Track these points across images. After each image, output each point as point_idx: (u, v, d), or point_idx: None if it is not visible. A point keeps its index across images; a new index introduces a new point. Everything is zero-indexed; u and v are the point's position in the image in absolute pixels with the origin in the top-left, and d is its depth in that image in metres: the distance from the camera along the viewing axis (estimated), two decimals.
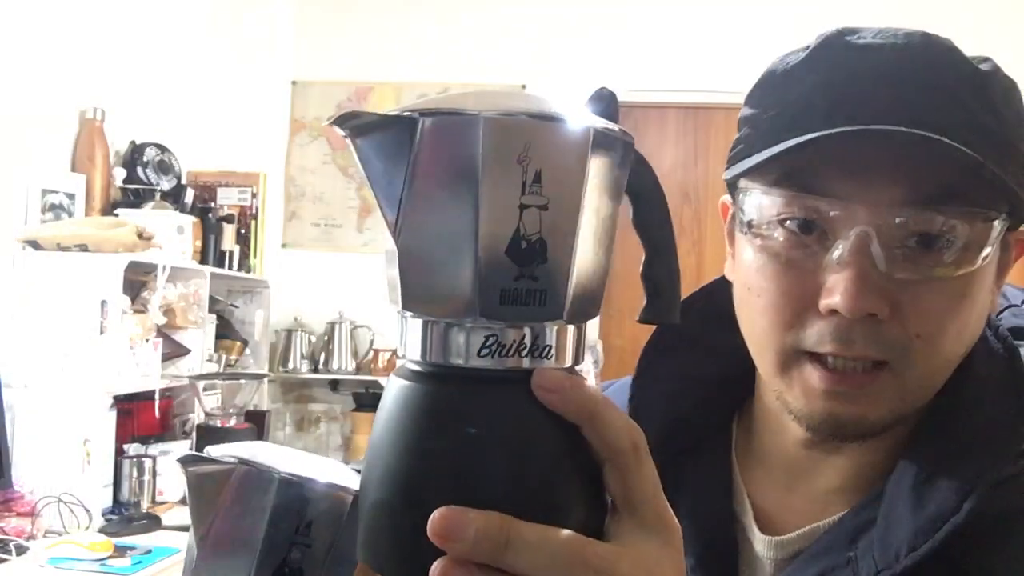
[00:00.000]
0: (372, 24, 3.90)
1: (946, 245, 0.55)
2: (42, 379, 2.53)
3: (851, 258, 0.54)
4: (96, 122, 2.93)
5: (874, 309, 0.54)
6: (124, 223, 2.69)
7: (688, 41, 3.76)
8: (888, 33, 0.58)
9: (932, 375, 0.58)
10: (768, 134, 0.58)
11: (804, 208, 0.57)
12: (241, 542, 0.45)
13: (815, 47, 0.60)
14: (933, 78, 0.56)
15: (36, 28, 2.72)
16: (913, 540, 0.54)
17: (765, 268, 0.59)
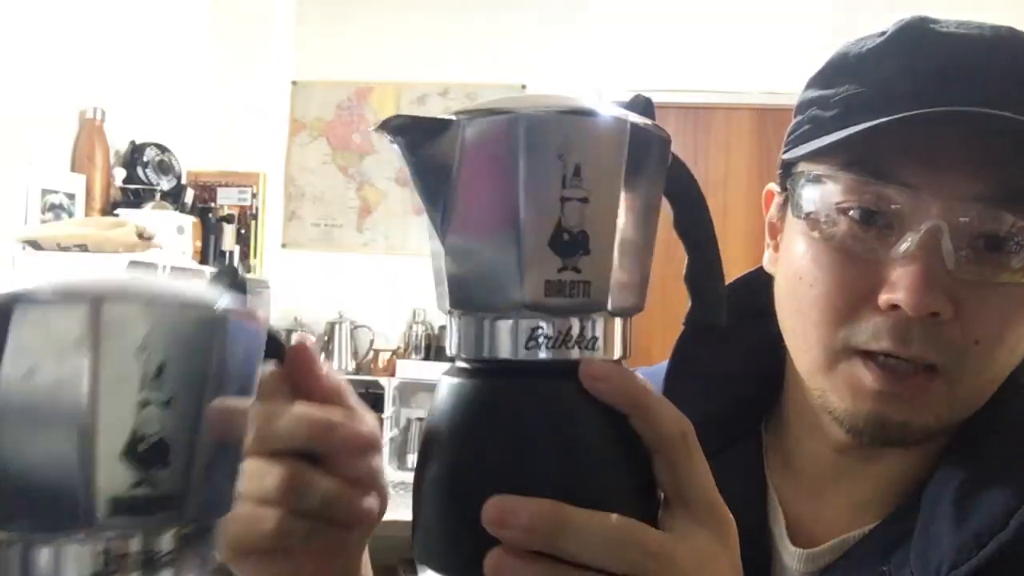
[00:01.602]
0: (372, 24, 3.90)
1: (1017, 248, 0.52)
2: None
3: (919, 252, 0.51)
4: (96, 122, 2.93)
5: (938, 308, 0.51)
6: (124, 223, 2.69)
7: (688, 41, 3.76)
8: (972, 25, 0.55)
9: (983, 385, 0.56)
10: (840, 116, 0.55)
11: (872, 196, 0.53)
12: (54, 409, 0.30)
13: (895, 31, 0.56)
14: (1017, 68, 0.53)
15: (36, 28, 2.71)
16: (955, 557, 0.51)
17: (820, 257, 0.55)
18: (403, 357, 3.66)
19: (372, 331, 3.76)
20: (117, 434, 0.31)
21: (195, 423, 0.32)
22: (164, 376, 0.31)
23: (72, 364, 0.30)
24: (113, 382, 0.30)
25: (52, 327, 0.30)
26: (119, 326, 0.30)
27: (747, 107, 3.65)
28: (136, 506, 0.31)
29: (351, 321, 3.74)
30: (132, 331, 0.31)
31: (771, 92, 3.43)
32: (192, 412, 0.32)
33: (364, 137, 3.89)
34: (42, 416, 0.30)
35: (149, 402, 0.31)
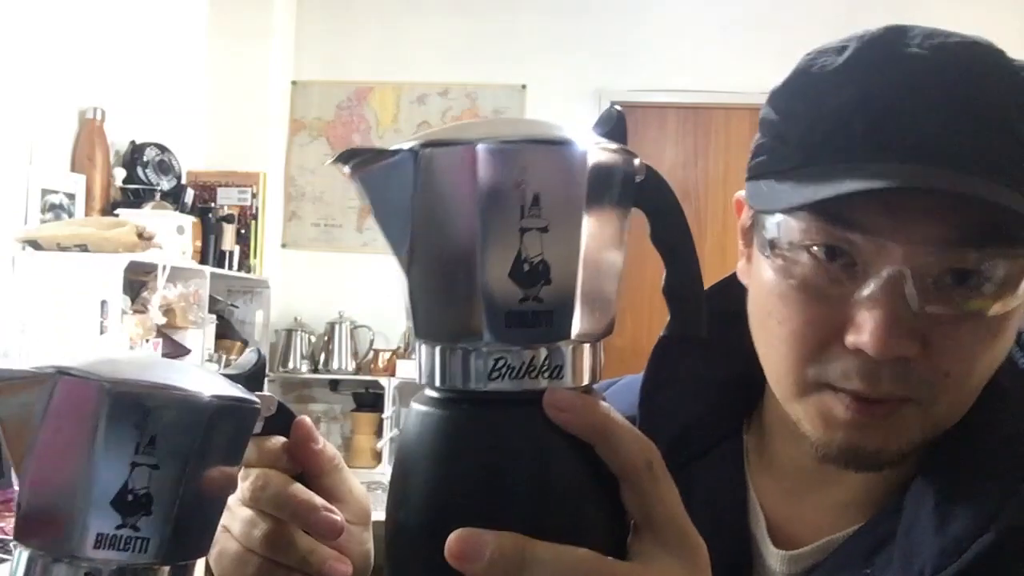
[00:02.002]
0: (372, 24, 3.90)
1: (982, 283, 0.51)
2: None
3: (883, 298, 0.50)
4: (96, 122, 2.94)
5: (904, 352, 0.51)
6: (124, 223, 2.69)
7: (688, 41, 3.76)
8: (937, 41, 0.54)
9: (957, 410, 0.55)
10: (799, 148, 0.54)
11: (835, 237, 0.52)
12: (69, 466, 0.40)
13: (855, 51, 0.55)
14: (982, 103, 0.51)
15: (36, 28, 2.72)
16: (938, 561, 0.52)
17: (788, 296, 0.55)
18: (403, 357, 3.66)
19: (372, 331, 3.76)
20: (111, 485, 0.39)
21: (176, 484, 0.40)
22: (155, 445, 0.40)
23: (85, 429, 0.39)
24: (113, 446, 0.39)
25: (75, 399, 0.40)
26: (123, 406, 0.40)
27: (747, 107, 3.64)
28: (116, 545, 0.40)
29: (351, 321, 3.74)
30: (133, 411, 0.40)
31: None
32: (175, 475, 0.40)
33: (364, 137, 3.89)
34: (60, 464, 0.40)
35: (140, 464, 0.40)
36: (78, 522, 0.39)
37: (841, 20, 3.71)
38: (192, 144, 3.58)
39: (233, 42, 3.69)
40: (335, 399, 3.83)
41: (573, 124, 0.41)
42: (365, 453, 3.64)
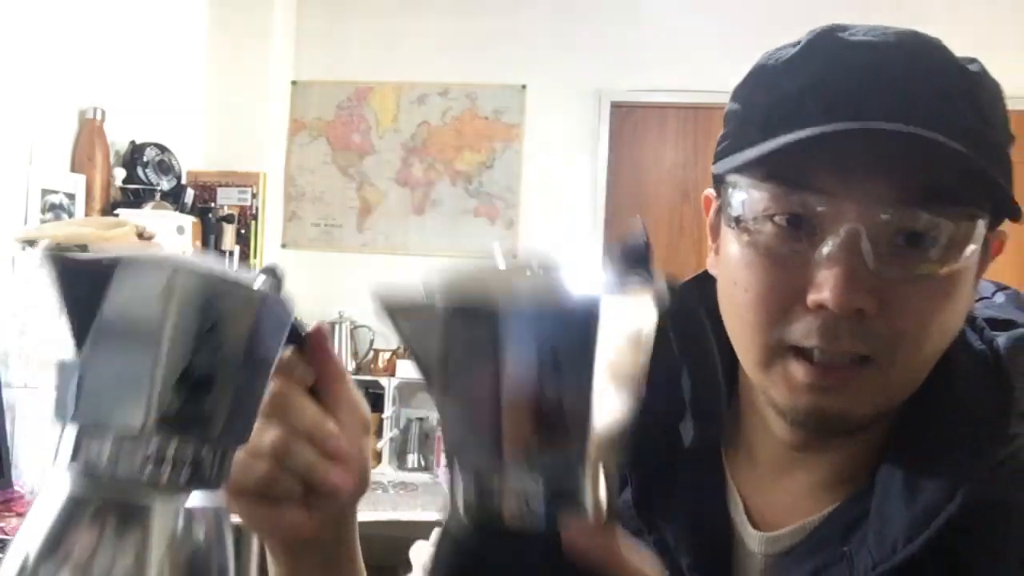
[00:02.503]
0: (372, 24, 3.90)
1: (932, 243, 0.55)
2: (42, 379, 2.53)
3: (840, 254, 0.54)
4: (96, 122, 2.94)
5: (862, 305, 0.54)
6: (124, 223, 2.69)
7: (688, 41, 3.76)
8: (879, 31, 0.58)
9: (914, 371, 0.58)
10: (760, 129, 0.58)
11: (794, 203, 0.56)
12: (135, 340, 0.41)
13: (807, 42, 0.60)
14: (925, 78, 0.56)
15: (36, 28, 2.72)
16: (909, 532, 0.55)
17: (752, 263, 0.58)
18: (403, 357, 3.65)
19: (372, 331, 3.76)
20: (176, 364, 0.41)
21: (233, 370, 0.43)
22: (218, 330, 0.42)
23: (154, 310, 0.41)
24: (180, 328, 0.41)
25: (143, 283, 0.41)
26: (188, 290, 0.41)
27: None
28: (176, 424, 0.41)
29: (351, 321, 3.74)
30: (197, 295, 0.41)
31: None
32: (233, 361, 0.43)
33: (364, 137, 3.89)
34: (126, 342, 0.41)
35: (202, 346, 0.41)
36: (142, 400, 0.40)
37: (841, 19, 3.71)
38: (192, 144, 3.58)
39: (233, 42, 3.69)
40: None
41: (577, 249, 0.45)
42: None
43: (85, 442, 0.41)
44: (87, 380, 0.41)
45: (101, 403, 0.41)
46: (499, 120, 3.83)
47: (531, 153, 3.82)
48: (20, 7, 2.65)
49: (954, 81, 0.57)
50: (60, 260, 0.41)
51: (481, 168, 3.84)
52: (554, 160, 3.80)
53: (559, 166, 3.79)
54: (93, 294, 0.41)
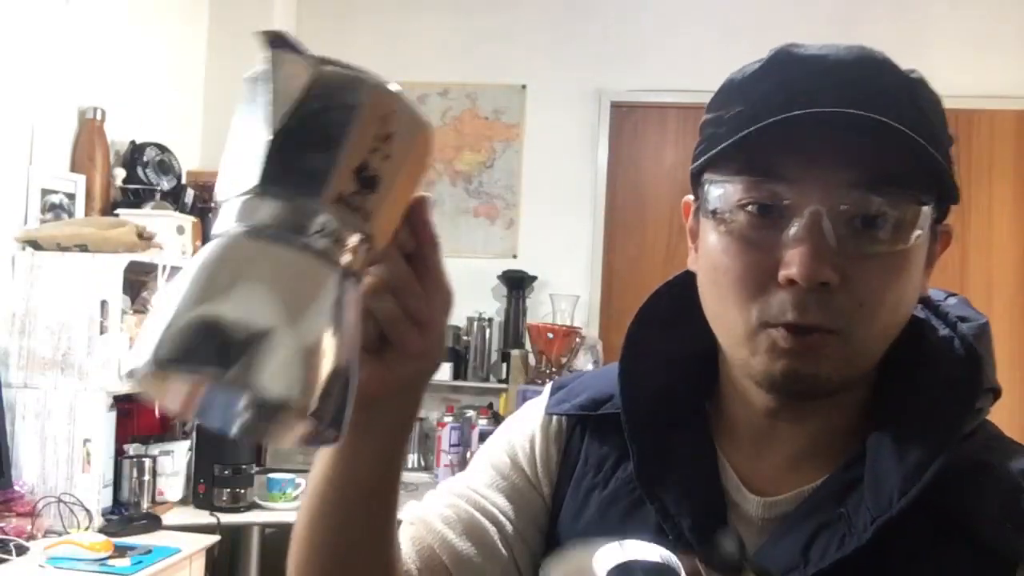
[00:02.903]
0: (372, 24, 3.90)
1: (884, 224, 0.63)
2: (42, 379, 2.53)
3: (805, 233, 0.62)
4: (96, 122, 2.94)
5: (826, 278, 0.61)
6: (124, 223, 2.69)
7: (688, 41, 3.76)
8: (831, 46, 0.66)
9: (872, 341, 0.65)
10: (731, 131, 0.64)
11: (763, 192, 0.64)
12: (322, 136, 0.47)
13: (769, 57, 0.67)
14: (874, 81, 0.64)
15: (36, 28, 2.72)
16: (903, 485, 0.62)
17: (730, 248, 0.66)
18: None
19: None
20: (355, 159, 0.47)
21: (391, 179, 0.49)
22: (389, 140, 0.48)
23: (348, 112, 0.47)
24: (363, 136, 0.47)
25: (336, 88, 0.48)
26: (380, 101, 0.48)
27: None
28: (350, 207, 0.47)
29: None
30: (384, 105, 0.48)
31: None
32: (393, 171, 0.49)
33: None
34: (316, 137, 0.47)
35: (378, 149, 0.48)
36: (327, 175, 0.46)
37: (841, 20, 3.72)
38: (192, 144, 3.58)
39: (233, 42, 3.69)
40: None
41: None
42: None
43: (256, 204, 0.47)
44: (278, 153, 0.47)
45: (289, 174, 0.47)
46: (499, 120, 3.83)
47: (531, 153, 3.82)
48: (20, 7, 2.65)
49: (898, 82, 0.65)
50: (278, 47, 0.48)
51: (481, 168, 3.84)
52: (554, 160, 3.80)
53: (559, 166, 3.79)
54: (294, 88, 0.47)
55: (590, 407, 0.79)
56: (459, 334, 3.71)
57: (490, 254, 3.81)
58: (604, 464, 0.76)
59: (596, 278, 3.75)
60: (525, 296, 3.71)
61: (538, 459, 0.79)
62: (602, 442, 0.77)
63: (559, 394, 0.82)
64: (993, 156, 3.65)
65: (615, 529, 0.70)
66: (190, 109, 3.61)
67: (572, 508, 0.76)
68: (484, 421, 3.42)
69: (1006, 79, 3.62)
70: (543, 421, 0.81)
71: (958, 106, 3.69)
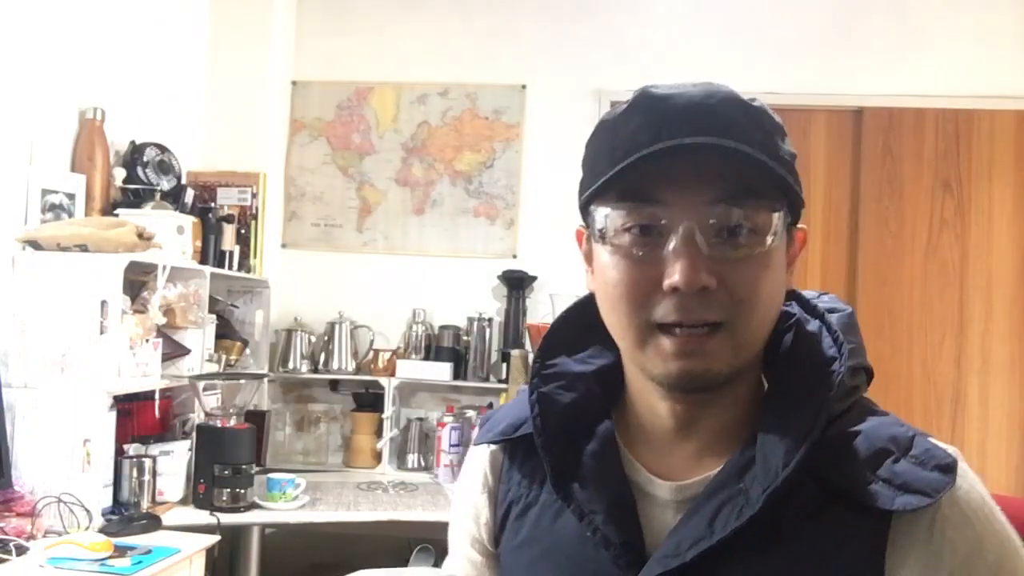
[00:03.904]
0: (372, 24, 3.90)
1: (743, 231, 0.73)
2: (42, 379, 2.53)
3: (682, 246, 0.73)
4: (96, 122, 2.94)
5: (705, 282, 0.72)
6: (124, 223, 2.69)
7: (688, 41, 3.76)
8: (683, 86, 0.77)
9: (755, 330, 0.76)
10: (607, 165, 0.75)
11: (643, 215, 0.74)
12: None
13: (632, 101, 0.77)
14: (722, 111, 0.74)
15: (36, 28, 2.72)
16: (786, 457, 0.73)
17: (619, 265, 0.76)
18: (403, 357, 3.66)
19: (372, 331, 3.76)
20: None
21: None
22: None
23: None
24: None
25: None
26: None
27: None
28: None
29: (351, 321, 3.74)
30: None
31: (771, 92, 3.43)
32: None
33: (364, 137, 3.89)
34: None
35: None
36: None
37: (841, 20, 3.72)
38: (192, 144, 3.58)
39: (233, 42, 3.69)
40: (335, 399, 3.83)
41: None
42: (365, 453, 3.64)
43: None
44: None
45: None
46: (499, 120, 3.83)
47: (531, 153, 3.82)
48: (20, 7, 2.65)
49: (743, 113, 0.75)
50: None
51: (481, 168, 3.84)
52: (554, 160, 3.80)
53: (559, 166, 3.79)
54: None
55: (509, 431, 0.90)
56: (459, 334, 3.71)
57: (490, 254, 3.81)
58: (532, 482, 0.87)
59: None
60: (525, 296, 3.71)
61: (483, 514, 0.91)
62: (526, 462, 0.88)
63: (486, 426, 0.94)
64: (993, 156, 3.65)
65: (547, 535, 0.83)
66: (190, 109, 3.61)
67: (513, 528, 0.87)
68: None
69: (1006, 79, 3.62)
70: (482, 454, 0.93)
71: (958, 106, 3.70)
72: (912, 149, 3.66)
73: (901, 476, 0.72)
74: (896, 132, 3.68)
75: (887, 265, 3.67)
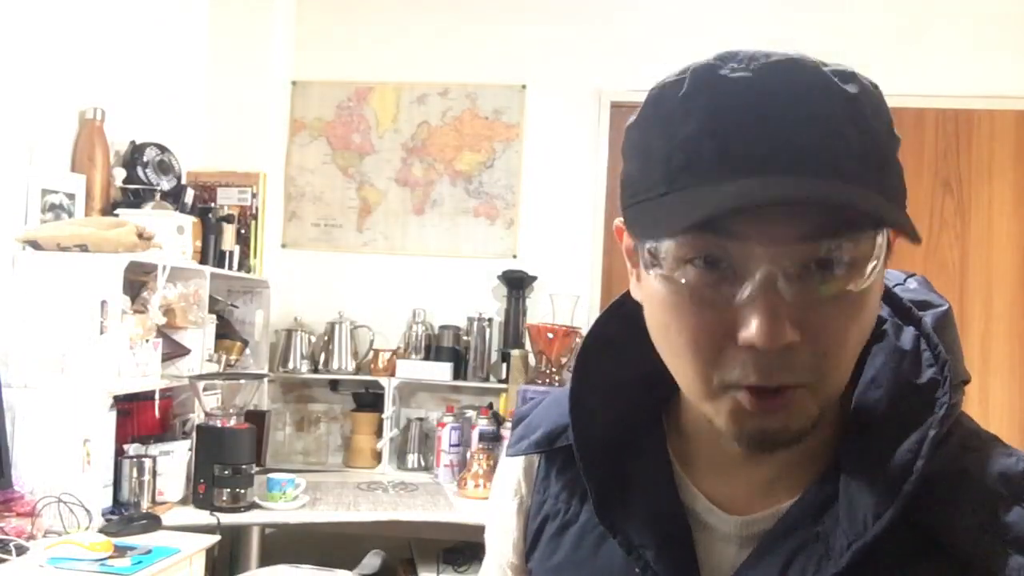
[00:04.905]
0: (372, 24, 3.90)
1: (839, 265, 0.59)
2: (42, 379, 2.53)
3: (760, 295, 0.58)
4: (96, 122, 2.94)
5: (788, 339, 0.58)
6: (124, 223, 2.69)
7: (688, 41, 3.76)
8: (758, 62, 0.60)
9: (839, 382, 0.63)
10: (662, 178, 0.61)
11: (711, 247, 0.59)
12: None
13: (691, 81, 0.63)
14: (808, 109, 0.58)
15: (36, 28, 2.72)
16: (876, 509, 0.61)
17: (680, 307, 0.61)
18: (403, 357, 3.66)
19: (372, 331, 3.76)
20: None
21: None
22: None
23: None
24: None
25: None
26: None
27: None
28: None
29: (351, 321, 3.74)
30: None
31: None
32: None
33: (364, 137, 3.89)
34: None
35: None
36: None
37: (841, 20, 3.72)
38: (192, 144, 3.58)
39: (233, 42, 3.69)
40: (335, 399, 3.83)
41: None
42: (365, 453, 3.64)
43: None
44: None
45: None
46: (499, 120, 3.83)
47: (531, 153, 3.82)
48: (20, 7, 2.65)
49: (835, 106, 0.59)
50: None
51: (481, 168, 3.84)
52: (554, 160, 3.80)
53: (559, 166, 3.79)
54: None
55: (544, 443, 0.78)
56: (459, 334, 3.71)
57: (490, 254, 3.81)
58: (572, 497, 0.76)
59: (596, 278, 3.75)
60: (525, 296, 3.71)
61: (513, 528, 0.81)
62: (566, 471, 0.77)
63: (519, 430, 0.82)
64: (993, 156, 3.65)
65: (587, 564, 0.72)
66: (190, 109, 3.61)
67: (548, 547, 0.77)
68: (484, 421, 3.42)
69: (1006, 79, 3.62)
70: (516, 464, 0.82)
71: (958, 106, 3.70)
72: (912, 149, 3.66)
73: (1014, 529, 0.59)
74: None
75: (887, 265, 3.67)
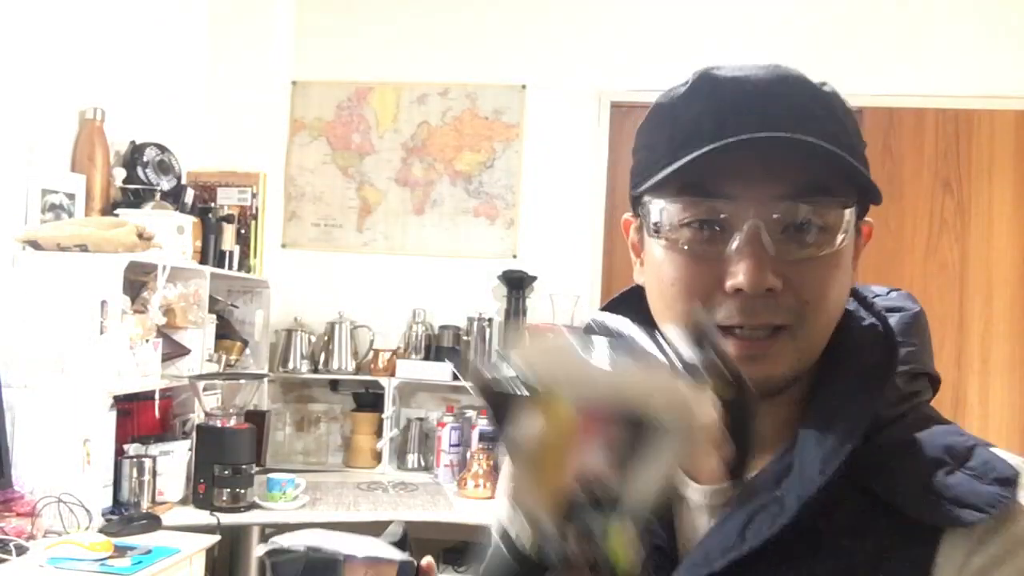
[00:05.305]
0: (372, 24, 3.90)
1: (813, 230, 0.69)
2: (42, 379, 2.53)
3: (747, 246, 0.67)
4: (96, 122, 2.94)
5: (771, 284, 0.67)
6: (124, 223, 2.69)
7: (688, 41, 3.76)
8: (748, 67, 0.71)
9: (819, 333, 0.71)
10: (666, 155, 0.70)
11: (704, 209, 0.69)
12: None
13: (693, 82, 0.73)
14: (790, 97, 0.70)
15: (36, 28, 2.72)
16: (822, 466, 0.67)
17: (676, 261, 0.71)
18: (403, 357, 3.66)
19: (372, 331, 3.76)
20: None
21: None
22: None
23: None
24: None
25: None
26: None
27: None
28: None
29: (351, 321, 3.74)
30: None
31: None
32: None
33: (364, 137, 3.89)
34: None
35: None
36: None
37: (842, 21, 3.72)
38: (192, 144, 3.58)
39: (233, 42, 3.69)
40: (335, 399, 3.83)
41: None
42: (365, 453, 3.64)
43: None
44: None
45: None
46: (499, 120, 3.83)
47: (531, 153, 3.82)
48: (20, 7, 2.65)
49: (813, 98, 0.71)
50: (273, 557, 0.62)
51: (481, 168, 3.84)
52: (554, 160, 3.80)
53: (559, 166, 3.79)
54: None
55: None
56: (459, 334, 3.71)
57: (490, 254, 3.81)
58: None
59: (596, 278, 3.75)
60: (525, 296, 3.71)
61: None
62: None
63: None
64: (993, 156, 3.65)
65: None
66: (190, 109, 3.61)
67: None
68: (484, 421, 3.42)
69: (1006, 79, 3.62)
70: None
71: (958, 106, 3.70)
72: (912, 149, 3.66)
73: (953, 489, 0.65)
74: (896, 132, 3.68)
75: (887, 265, 3.67)
